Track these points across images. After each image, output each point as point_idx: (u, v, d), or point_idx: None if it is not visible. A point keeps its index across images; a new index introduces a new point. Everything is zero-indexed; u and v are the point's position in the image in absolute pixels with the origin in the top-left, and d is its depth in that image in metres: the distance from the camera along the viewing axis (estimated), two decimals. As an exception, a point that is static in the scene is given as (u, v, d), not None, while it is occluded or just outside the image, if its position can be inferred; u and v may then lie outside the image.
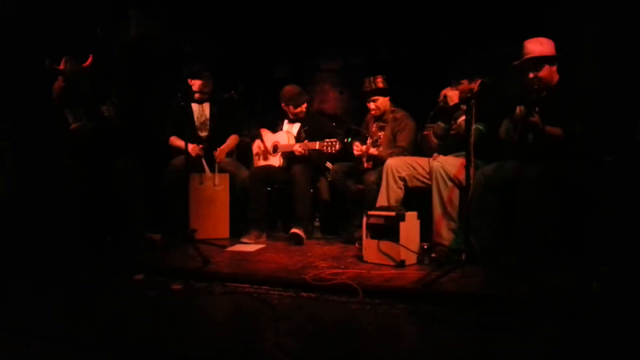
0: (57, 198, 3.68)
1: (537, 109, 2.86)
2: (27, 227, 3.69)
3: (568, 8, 3.60)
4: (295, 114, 4.33)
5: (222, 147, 4.35)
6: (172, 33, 5.01)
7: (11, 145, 3.98)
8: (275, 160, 4.35)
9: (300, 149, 4.10)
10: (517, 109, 2.92)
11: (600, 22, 3.51)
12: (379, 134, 4.11)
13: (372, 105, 4.14)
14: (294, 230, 3.93)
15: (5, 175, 3.90)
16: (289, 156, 4.25)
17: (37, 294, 2.82)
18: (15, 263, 3.36)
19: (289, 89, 4.30)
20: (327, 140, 3.91)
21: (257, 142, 4.52)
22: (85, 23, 4.51)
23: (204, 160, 4.25)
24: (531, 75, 3.05)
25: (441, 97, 3.53)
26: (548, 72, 3.06)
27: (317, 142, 3.97)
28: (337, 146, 3.87)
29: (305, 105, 4.33)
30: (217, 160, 4.30)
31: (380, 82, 4.06)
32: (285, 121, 4.46)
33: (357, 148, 4.09)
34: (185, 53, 5.00)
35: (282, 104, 4.33)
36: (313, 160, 4.20)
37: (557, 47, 3.08)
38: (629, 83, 3.29)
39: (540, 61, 3.04)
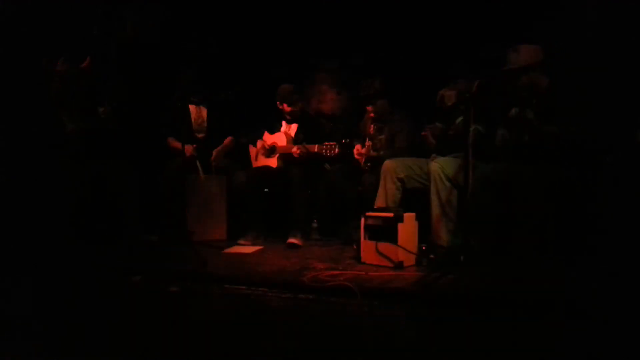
0: (55, 199, 3.67)
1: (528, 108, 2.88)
2: (25, 228, 3.67)
3: (568, 8, 3.60)
4: (290, 113, 4.32)
5: (218, 148, 4.34)
6: (170, 33, 5.00)
7: (9, 146, 3.96)
8: (273, 162, 4.34)
9: (298, 152, 4.09)
10: (512, 110, 2.94)
11: (600, 22, 3.51)
12: (378, 136, 4.10)
13: (370, 107, 4.13)
14: (290, 240, 3.89)
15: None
16: (286, 158, 4.25)
17: (34, 295, 2.81)
18: (13, 264, 3.34)
19: (284, 87, 4.31)
20: (327, 143, 3.90)
21: (259, 142, 4.50)
22: (83, 23, 4.50)
23: (198, 162, 4.23)
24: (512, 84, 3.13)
25: (438, 98, 3.52)
26: (526, 81, 3.10)
27: (317, 146, 3.95)
28: (336, 150, 3.85)
29: (300, 105, 4.32)
30: (213, 162, 4.28)
31: (378, 84, 4.05)
32: (283, 122, 4.45)
33: (356, 150, 4.08)
34: (182, 53, 4.99)
35: (277, 102, 4.33)
36: (311, 162, 4.18)
37: (552, 49, 3.11)
38: (630, 82, 3.28)
39: (514, 72, 3.11)
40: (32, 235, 3.61)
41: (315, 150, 3.95)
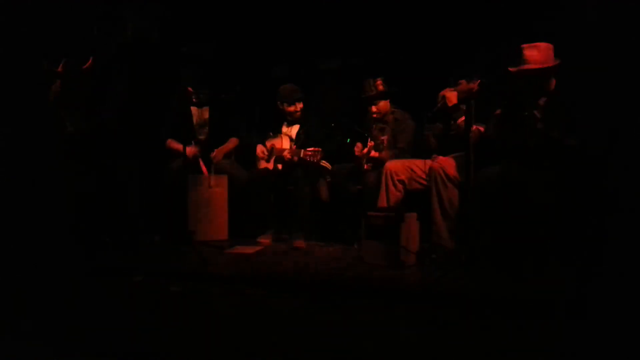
0: (56, 199, 3.67)
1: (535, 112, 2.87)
2: (26, 228, 3.67)
3: (568, 8, 3.59)
4: (290, 114, 4.31)
5: (220, 148, 4.34)
6: (170, 34, 5.00)
7: (9, 147, 3.97)
8: (270, 164, 4.35)
9: (288, 155, 4.12)
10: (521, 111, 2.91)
11: (600, 22, 3.50)
12: (380, 137, 4.10)
13: (373, 108, 4.13)
14: (296, 244, 3.89)
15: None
16: (280, 161, 4.26)
17: (35, 295, 2.81)
18: (13, 264, 3.34)
19: (285, 87, 4.31)
20: (311, 149, 3.92)
21: (260, 147, 4.50)
22: (83, 24, 4.50)
23: (201, 161, 4.23)
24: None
25: (440, 98, 3.52)
26: (546, 81, 3.04)
27: (302, 150, 3.97)
28: (318, 156, 3.89)
29: (301, 105, 4.32)
30: (214, 161, 4.29)
31: (380, 84, 4.05)
32: (285, 124, 4.45)
33: (358, 150, 4.09)
34: (183, 54, 4.99)
35: (277, 102, 4.33)
36: (309, 165, 4.18)
37: (556, 50, 3.07)
38: (630, 83, 3.28)
39: (539, 72, 2.99)
40: (32, 236, 3.61)
41: (301, 155, 3.97)
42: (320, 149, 3.89)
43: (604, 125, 3.00)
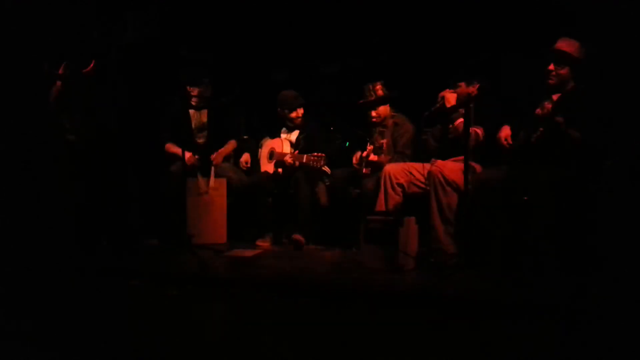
0: (54, 202, 3.67)
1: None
2: (24, 231, 3.67)
3: (568, 11, 3.60)
4: (291, 120, 4.32)
5: (219, 150, 4.34)
6: (169, 36, 5.01)
7: (9, 149, 3.97)
8: (270, 167, 4.35)
9: (290, 160, 4.12)
10: (545, 106, 2.90)
11: (600, 24, 3.51)
12: (381, 141, 4.10)
13: (372, 112, 4.13)
14: (296, 236, 3.90)
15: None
16: (281, 165, 4.26)
17: (32, 298, 2.80)
18: (13, 267, 3.34)
19: (285, 93, 4.31)
20: (314, 154, 3.93)
21: (246, 156, 4.52)
22: (83, 26, 4.51)
23: (199, 175, 4.21)
24: (552, 66, 3.05)
25: (439, 99, 3.52)
26: (567, 72, 3.06)
27: (305, 156, 3.98)
28: (322, 162, 3.91)
29: (302, 111, 4.32)
30: (214, 163, 4.28)
31: (379, 89, 4.04)
32: (284, 129, 4.45)
33: (357, 156, 4.08)
34: (182, 57, 5.00)
35: (278, 109, 4.33)
36: (311, 169, 4.19)
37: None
38: (630, 85, 3.28)
39: (565, 57, 3.03)
40: (32, 239, 3.61)
41: (304, 160, 3.98)
42: (323, 155, 3.90)
43: (612, 122, 3.00)
